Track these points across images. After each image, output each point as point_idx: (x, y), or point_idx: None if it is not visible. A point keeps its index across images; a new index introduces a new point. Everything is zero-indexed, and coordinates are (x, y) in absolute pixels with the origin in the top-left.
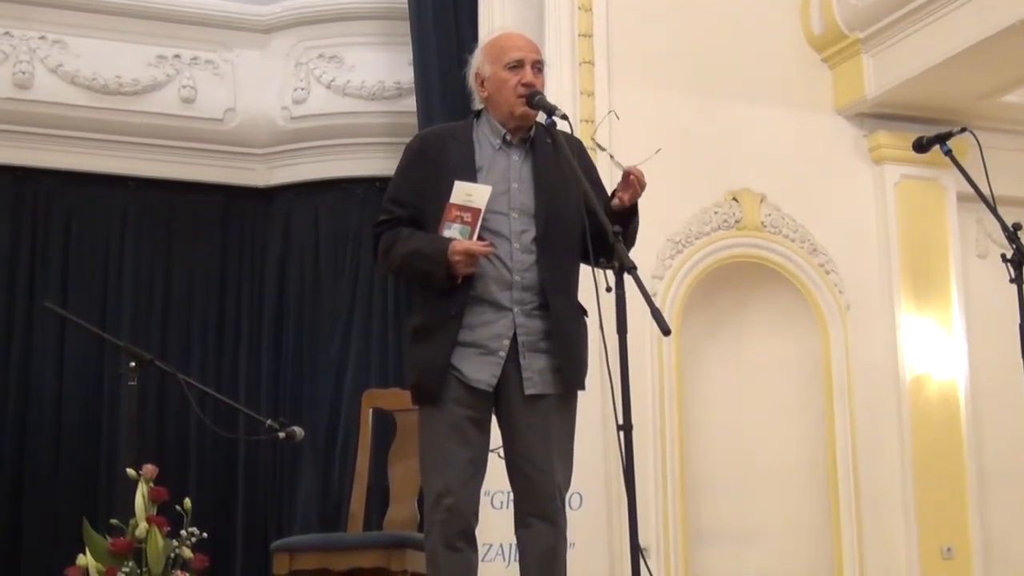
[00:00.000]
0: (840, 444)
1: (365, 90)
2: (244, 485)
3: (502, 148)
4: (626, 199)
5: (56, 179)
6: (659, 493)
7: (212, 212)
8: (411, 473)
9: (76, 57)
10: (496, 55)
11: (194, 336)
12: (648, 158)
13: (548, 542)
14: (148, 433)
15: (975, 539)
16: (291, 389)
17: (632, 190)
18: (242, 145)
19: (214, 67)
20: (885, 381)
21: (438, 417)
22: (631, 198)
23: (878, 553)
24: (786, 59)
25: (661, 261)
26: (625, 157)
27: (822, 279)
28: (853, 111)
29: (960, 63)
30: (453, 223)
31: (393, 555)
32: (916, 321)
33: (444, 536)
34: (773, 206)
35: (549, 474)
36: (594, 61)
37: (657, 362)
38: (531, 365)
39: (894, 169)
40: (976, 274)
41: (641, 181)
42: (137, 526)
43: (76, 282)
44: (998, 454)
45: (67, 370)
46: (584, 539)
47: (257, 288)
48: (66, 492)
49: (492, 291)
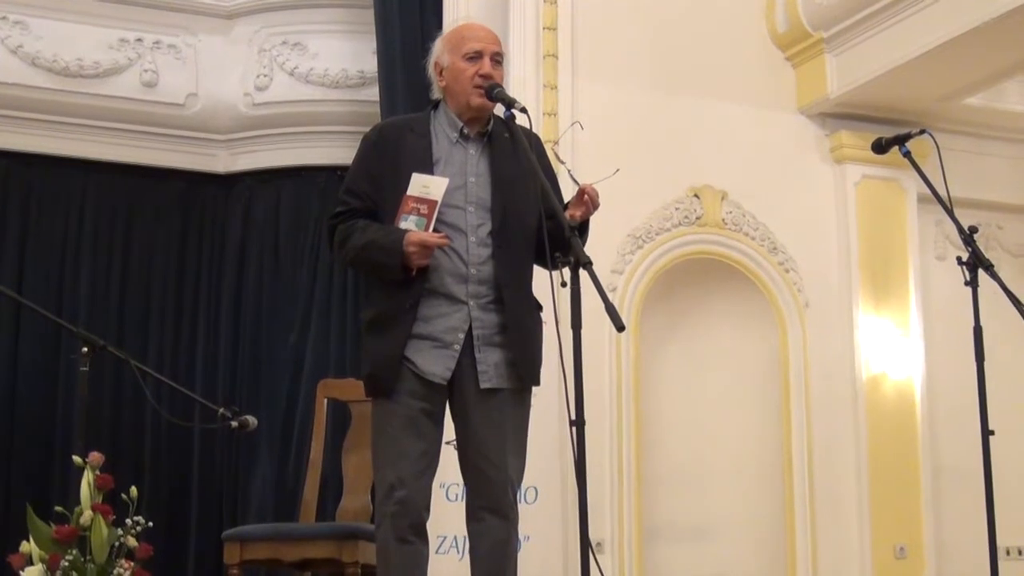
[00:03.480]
0: (796, 442)
1: (328, 78)
2: (199, 474)
3: (459, 142)
4: (578, 216)
5: (14, 161)
6: (615, 488)
7: (172, 197)
8: (365, 464)
9: (37, 39)
10: (455, 45)
11: (151, 322)
12: (606, 177)
13: (500, 536)
14: (103, 420)
15: (928, 539)
16: (248, 377)
17: (585, 208)
18: (203, 131)
19: (176, 52)
20: (842, 380)
21: (391, 409)
22: (583, 216)
23: (831, 551)
24: (750, 57)
25: (621, 256)
26: (587, 154)
27: (781, 277)
28: (816, 110)
29: (923, 65)
30: (409, 215)
31: (345, 546)
32: (874, 321)
33: (395, 528)
34: (734, 203)
35: (502, 468)
36: (558, 54)
37: (615, 358)
38: (486, 359)
39: (855, 169)
40: (934, 276)
41: (595, 201)
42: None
43: (33, 265)
44: (953, 454)
45: (21, 355)
46: (539, 533)
47: (216, 275)
48: (19, 479)
49: (447, 284)
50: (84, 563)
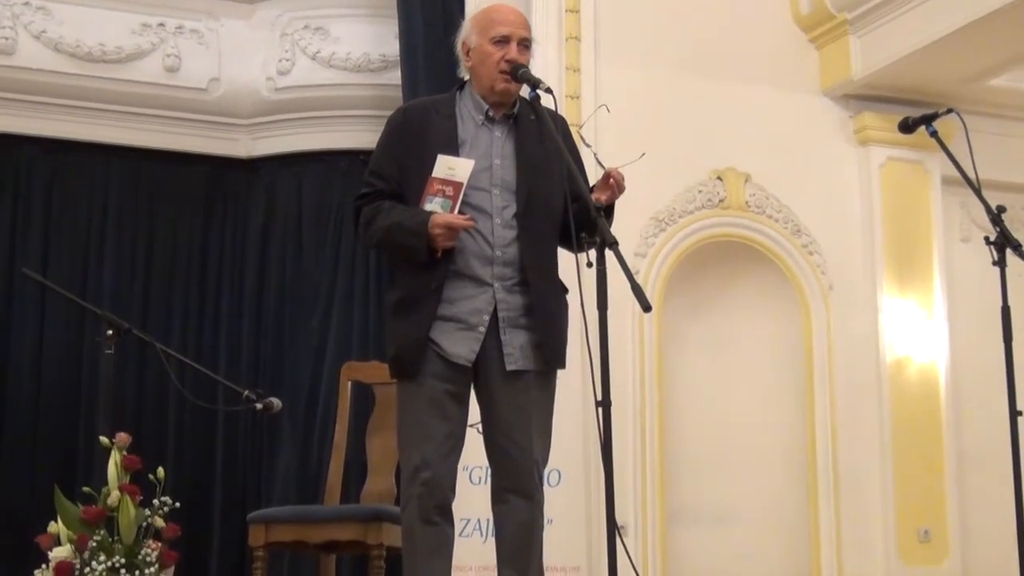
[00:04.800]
0: (819, 425)
1: (350, 62)
2: (223, 456)
3: (485, 124)
4: (603, 200)
5: (38, 146)
6: (638, 471)
7: (195, 182)
8: (389, 446)
9: (60, 24)
10: (484, 27)
11: (175, 306)
12: (631, 161)
13: (525, 517)
14: (127, 403)
15: (952, 522)
16: (271, 360)
17: (611, 192)
18: (226, 115)
19: (199, 36)
20: (866, 363)
21: (416, 391)
22: (608, 199)
23: (855, 535)
24: (773, 39)
25: (644, 239)
26: (610, 136)
27: (805, 260)
28: (839, 92)
29: (947, 46)
30: (435, 197)
31: (370, 528)
32: (898, 303)
33: (421, 510)
34: (758, 186)
35: (527, 450)
36: (580, 37)
37: (638, 341)
38: (512, 341)
39: (879, 151)
40: (959, 258)
41: (620, 184)
42: (109, 495)
43: (57, 250)
44: (977, 437)
45: (47, 338)
46: (562, 516)
47: (239, 259)
48: (45, 461)
49: (473, 266)
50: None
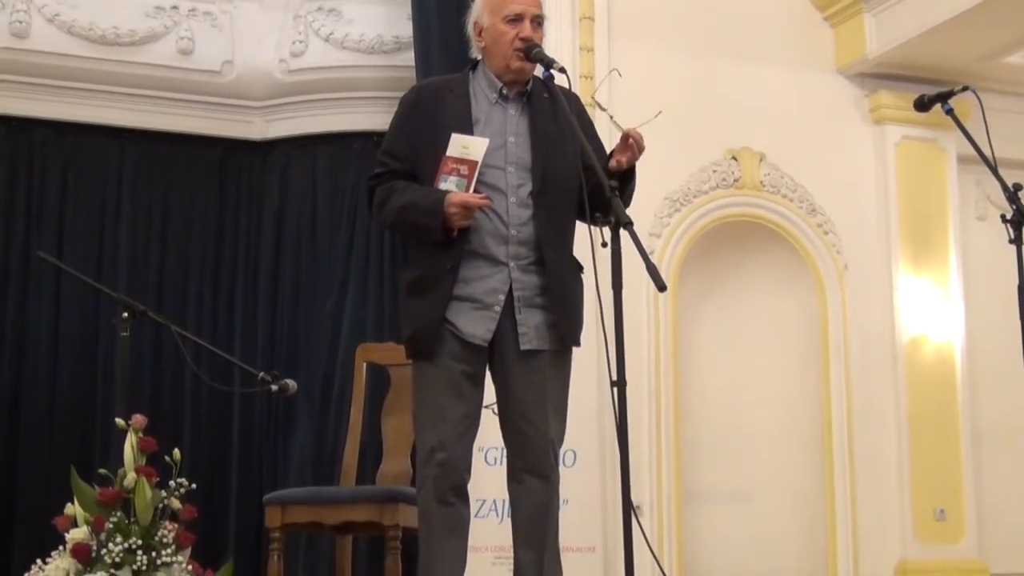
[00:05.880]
0: (835, 404)
1: (364, 44)
2: (239, 438)
3: (498, 102)
4: (624, 161)
5: (52, 129)
6: (653, 451)
7: (209, 165)
8: (405, 427)
9: (73, 7)
10: (496, 6)
11: (190, 288)
12: (648, 120)
13: (540, 498)
14: (143, 385)
15: (968, 501)
16: (287, 342)
17: (630, 153)
18: (239, 98)
19: (212, 19)
20: (882, 342)
21: (432, 372)
22: (629, 160)
23: (871, 514)
24: (788, 17)
25: (659, 219)
26: (624, 114)
27: (820, 239)
28: (854, 70)
29: (962, 23)
30: (449, 176)
31: (385, 509)
32: (914, 282)
33: (437, 491)
34: (772, 165)
35: (543, 430)
36: (594, 17)
37: (653, 320)
38: (527, 320)
39: (894, 129)
40: (974, 236)
41: (640, 144)
42: (125, 476)
43: (72, 233)
44: (993, 416)
45: (62, 320)
46: (577, 496)
47: (253, 241)
48: (61, 443)
49: (488, 245)
50: (128, 525)
